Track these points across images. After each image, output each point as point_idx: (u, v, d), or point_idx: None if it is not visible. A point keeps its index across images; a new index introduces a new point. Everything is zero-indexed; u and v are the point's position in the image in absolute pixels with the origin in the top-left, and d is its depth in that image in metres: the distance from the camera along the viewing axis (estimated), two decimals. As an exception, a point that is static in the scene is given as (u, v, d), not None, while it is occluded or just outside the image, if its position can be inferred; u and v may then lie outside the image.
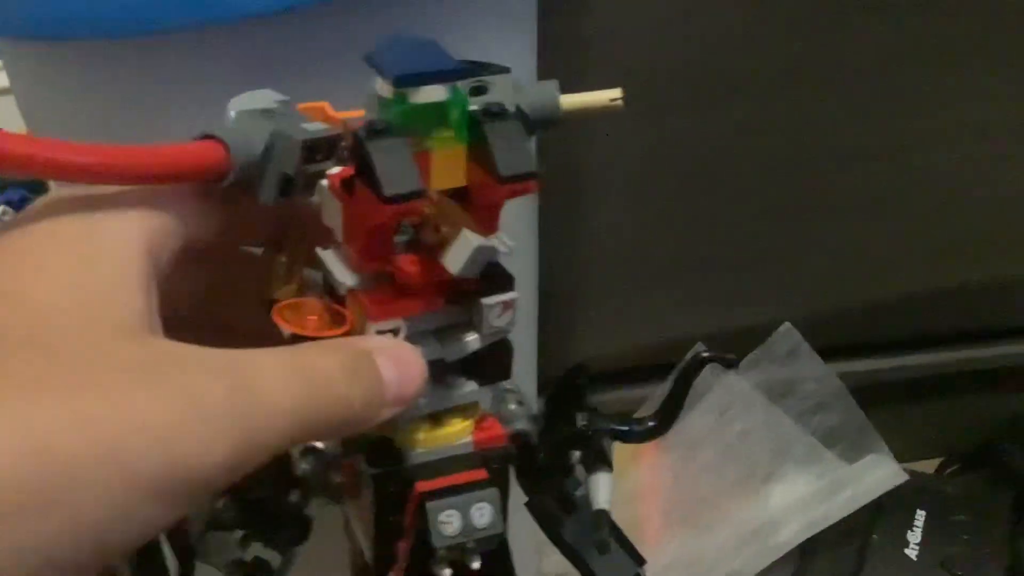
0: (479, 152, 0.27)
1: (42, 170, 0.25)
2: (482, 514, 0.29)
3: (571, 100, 0.32)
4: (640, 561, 0.35)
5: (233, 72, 0.39)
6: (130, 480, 0.22)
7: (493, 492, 0.30)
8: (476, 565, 0.30)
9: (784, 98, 0.70)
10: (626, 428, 0.35)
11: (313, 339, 0.29)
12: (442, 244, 0.27)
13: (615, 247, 0.75)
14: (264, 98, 0.29)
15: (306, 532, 0.33)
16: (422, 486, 0.30)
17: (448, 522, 0.29)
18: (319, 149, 0.29)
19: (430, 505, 0.29)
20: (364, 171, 0.26)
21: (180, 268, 0.29)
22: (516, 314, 0.30)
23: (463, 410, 0.32)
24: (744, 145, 0.72)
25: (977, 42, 0.69)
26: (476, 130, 0.27)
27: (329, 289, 0.31)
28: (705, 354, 0.36)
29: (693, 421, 0.72)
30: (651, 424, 0.35)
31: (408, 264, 0.28)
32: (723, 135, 0.71)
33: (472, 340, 0.30)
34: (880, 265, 0.78)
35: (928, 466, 0.85)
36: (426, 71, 0.26)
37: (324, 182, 0.30)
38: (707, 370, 0.68)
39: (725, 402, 0.72)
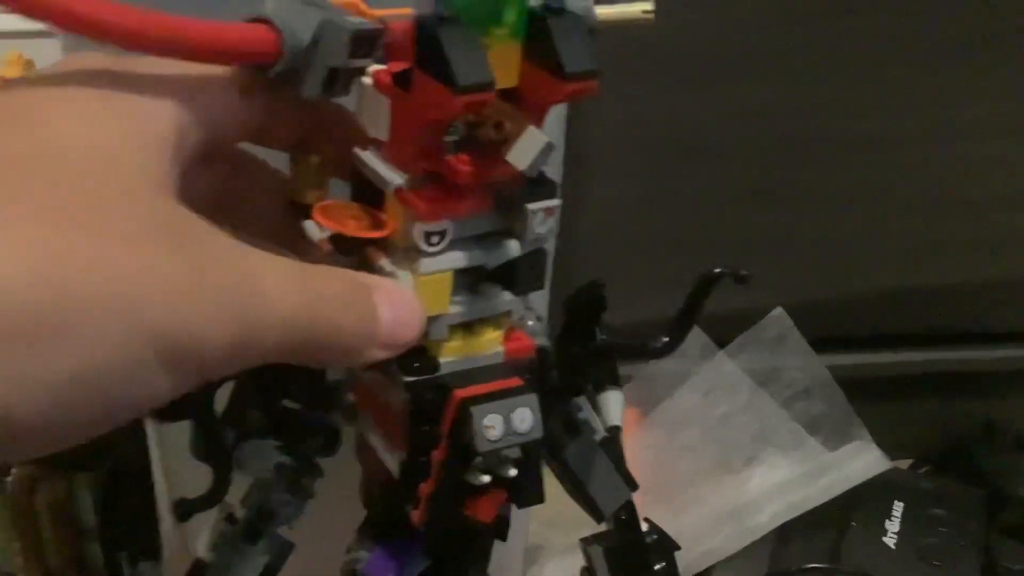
0: (536, 50, 0.27)
1: (97, 31, 0.24)
2: (523, 419, 0.29)
3: (606, 11, 0.32)
4: (633, 486, 0.35)
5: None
6: (138, 331, 0.22)
7: (532, 398, 0.29)
8: (512, 473, 0.29)
9: (787, 83, 0.70)
10: (641, 345, 0.35)
11: (354, 239, 0.29)
12: (504, 142, 0.27)
13: (607, 223, 0.75)
14: None
15: (335, 443, 0.33)
16: (461, 393, 0.29)
17: (492, 427, 0.28)
18: (366, 43, 0.28)
19: (474, 410, 0.28)
20: (431, 61, 0.25)
21: (199, 165, 0.28)
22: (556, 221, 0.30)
23: (494, 320, 0.31)
24: (743, 128, 0.72)
25: (980, 40, 0.70)
26: (533, 27, 0.27)
27: (357, 196, 0.31)
28: (717, 270, 0.36)
29: (678, 400, 0.72)
30: (665, 339, 0.36)
31: (461, 163, 0.27)
32: (722, 116, 0.71)
33: (514, 246, 0.30)
34: (868, 259, 0.79)
35: (900, 466, 0.86)
36: None
37: (366, 79, 0.29)
38: (695, 350, 0.68)
39: (711, 383, 0.71)
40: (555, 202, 0.30)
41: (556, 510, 0.35)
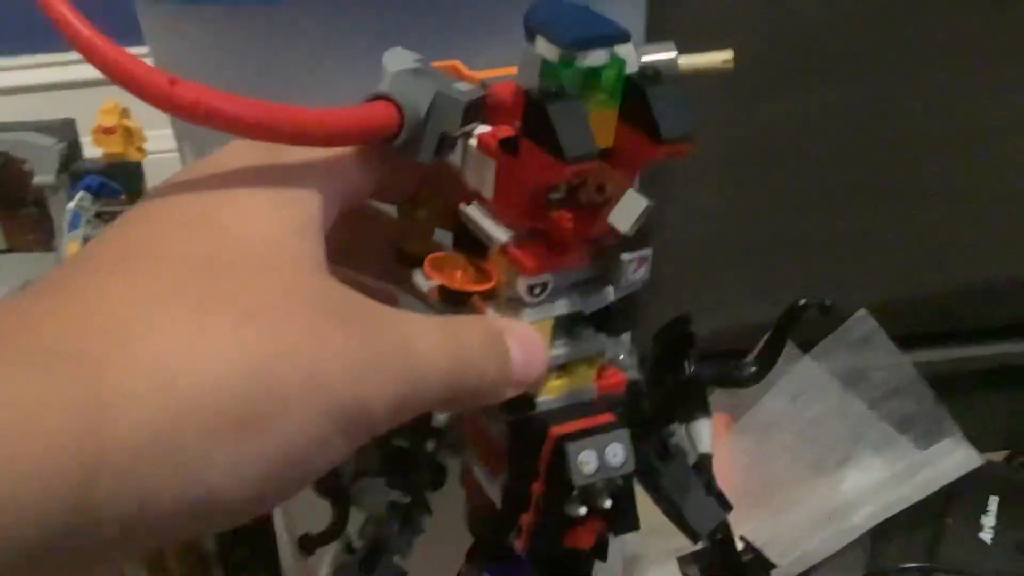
0: (632, 113, 0.28)
1: (244, 130, 0.26)
2: (615, 454, 0.31)
3: (687, 61, 0.33)
4: (728, 507, 0.37)
5: (361, 37, 0.40)
6: (327, 409, 0.24)
7: (624, 433, 0.31)
8: (608, 504, 0.31)
9: (867, 83, 0.71)
10: (729, 375, 0.37)
11: (459, 292, 0.31)
12: (606, 203, 0.29)
13: (692, 231, 0.76)
14: (406, 57, 0.30)
15: (442, 478, 0.35)
16: (557, 430, 0.31)
17: (586, 462, 0.30)
18: (475, 109, 0.30)
19: (570, 446, 0.31)
20: (539, 132, 0.27)
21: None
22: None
23: (588, 359, 0.33)
24: (823, 130, 0.73)
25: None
26: (629, 92, 0.29)
27: (459, 244, 0.33)
28: (802, 302, 0.37)
29: (766, 405, 0.73)
30: (752, 368, 0.37)
31: (565, 221, 0.29)
32: (803, 120, 0.72)
33: (608, 293, 0.32)
34: (953, 254, 0.79)
35: (995, 458, 0.85)
36: (596, 35, 0.28)
37: (471, 142, 0.31)
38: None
39: (798, 387, 0.73)
40: (647, 251, 0.31)
41: (654, 518, 0.36)
